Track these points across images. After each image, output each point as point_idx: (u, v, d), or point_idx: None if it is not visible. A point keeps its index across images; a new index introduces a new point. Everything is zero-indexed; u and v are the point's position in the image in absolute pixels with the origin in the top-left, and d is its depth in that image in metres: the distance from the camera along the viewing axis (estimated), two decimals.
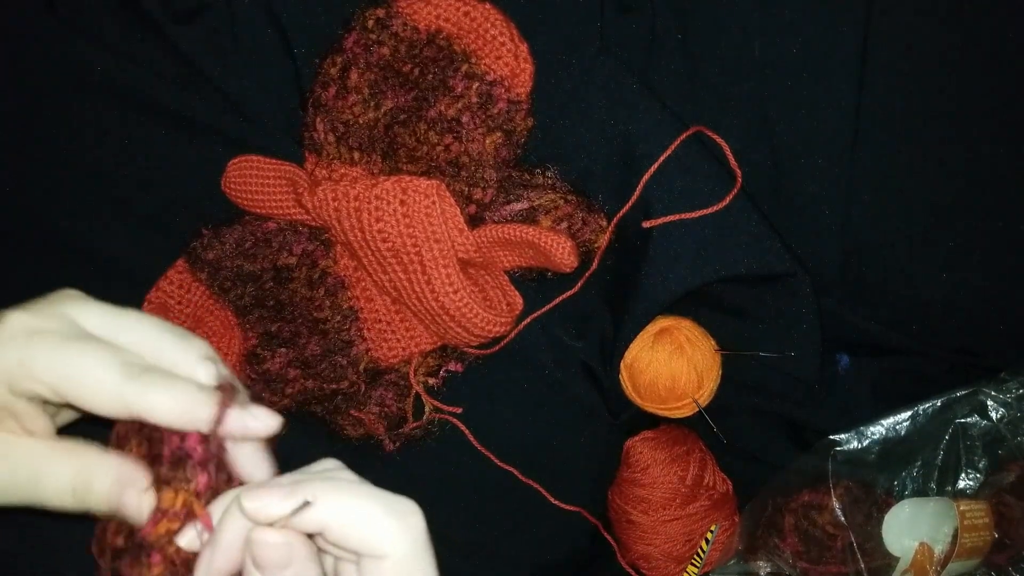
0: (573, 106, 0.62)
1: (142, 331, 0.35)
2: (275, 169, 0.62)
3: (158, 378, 0.34)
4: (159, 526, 0.34)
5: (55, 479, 0.35)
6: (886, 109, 0.62)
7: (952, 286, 0.65)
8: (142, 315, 0.36)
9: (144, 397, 0.33)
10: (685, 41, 0.62)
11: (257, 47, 0.62)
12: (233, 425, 0.34)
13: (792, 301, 0.65)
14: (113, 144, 0.63)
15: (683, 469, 0.70)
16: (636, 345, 0.67)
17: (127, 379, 0.33)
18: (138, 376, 0.33)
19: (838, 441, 0.67)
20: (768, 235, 0.63)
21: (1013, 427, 0.65)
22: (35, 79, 0.62)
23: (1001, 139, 0.62)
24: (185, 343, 0.36)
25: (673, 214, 0.62)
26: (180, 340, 0.36)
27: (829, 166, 0.63)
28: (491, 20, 0.58)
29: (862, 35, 0.60)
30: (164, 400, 0.33)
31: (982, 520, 0.64)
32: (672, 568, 0.71)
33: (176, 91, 0.62)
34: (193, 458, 0.34)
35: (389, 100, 0.61)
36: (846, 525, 0.65)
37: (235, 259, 0.63)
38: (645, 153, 0.62)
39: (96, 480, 0.34)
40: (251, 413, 0.35)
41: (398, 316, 0.64)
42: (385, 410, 0.65)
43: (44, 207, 0.64)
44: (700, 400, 0.67)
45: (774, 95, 0.62)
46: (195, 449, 0.34)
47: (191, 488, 0.34)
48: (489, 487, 0.69)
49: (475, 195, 0.61)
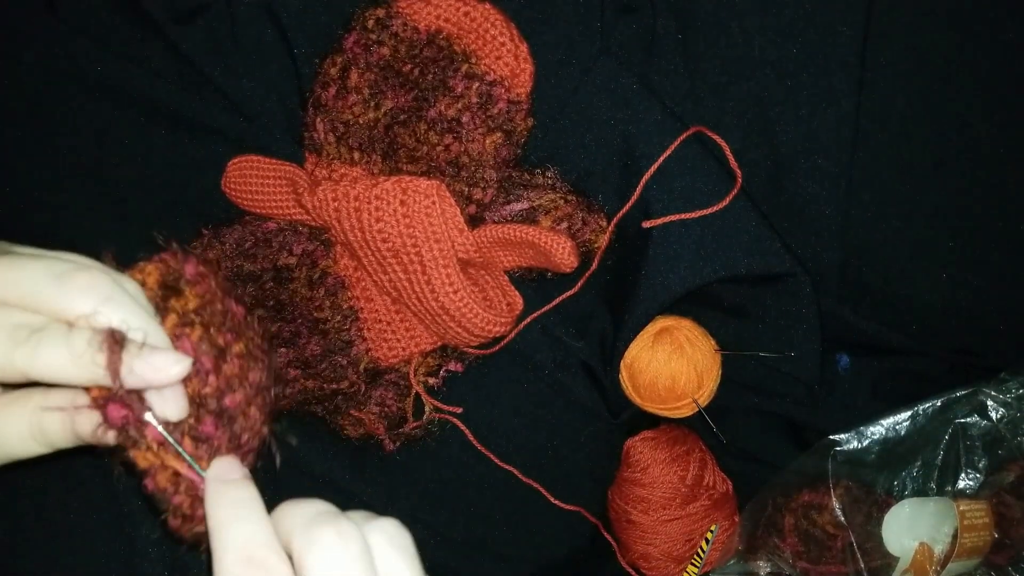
0: (573, 106, 0.62)
1: (17, 276, 0.33)
2: (275, 169, 0.62)
3: (47, 338, 0.32)
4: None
5: (13, 430, 0.34)
6: (886, 109, 0.62)
7: (952, 286, 0.65)
8: (18, 259, 0.33)
9: (34, 361, 0.32)
10: (685, 41, 0.62)
11: (257, 47, 0.62)
12: (133, 377, 0.32)
13: (792, 301, 0.65)
14: (113, 144, 0.63)
15: (683, 469, 0.70)
16: (636, 345, 0.67)
17: (14, 345, 0.32)
18: (25, 340, 0.32)
19: (838, 441, 0.67)
20: (768, 235, 0.63)
21: (1013, 427, 0.65)
22: (35, 79, 0.62)
23: (1001, 139, 0.62)
24: (62, 283, 0.33)
25: (673, 214, 0.62)
26: (56, 280, 0.33)
27: (829, 166, 0.63)
28: (491, 20, 0.58)
29: (862, 35, 0.60)
30: (54, 362, 0.32)
31: (982, 520, 0.64)
32: (672, 568, 0.71)
33: (176, 91, 0.62)
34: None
35: (389, 100, 0.61)
36: (846, 525, 0.65)
37: (235, 259, 0.63)
38: (645, 153, 0.62)
39: (46, 417, 0.34)
40: (148, 362, 0.32)
41: (398, 316, 0.64)
42: (385, 410, 0.65)
43: (44, 207, 0.64)
44: (700, 400, 0.67)
45: (774, 95, 0.62)
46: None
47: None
48: (489, 487, 0.69)
49: (475, 195, 0.61)
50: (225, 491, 0.34)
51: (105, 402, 0.33)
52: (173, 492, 0.35)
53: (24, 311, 0.33)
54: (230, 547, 0.32)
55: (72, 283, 0.33)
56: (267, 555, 0.31)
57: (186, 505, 0.35)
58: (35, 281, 0.33)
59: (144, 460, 0.34)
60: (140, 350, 0.32)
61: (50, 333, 0.32)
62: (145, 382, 0.33)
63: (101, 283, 0.33)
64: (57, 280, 0.33)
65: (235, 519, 0.33)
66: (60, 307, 0.32)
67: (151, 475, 0.35)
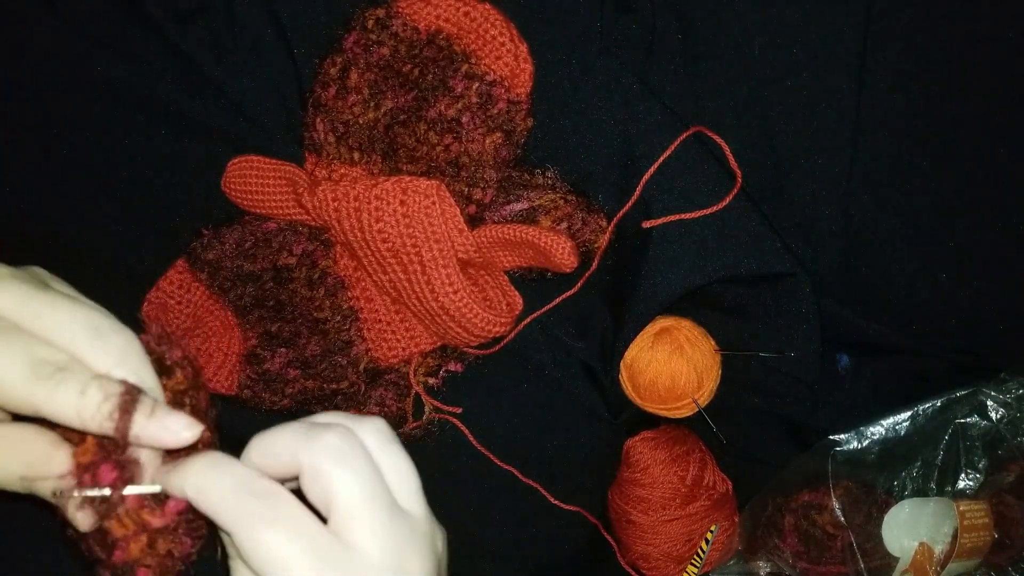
0: (573, 106, 0.62)
1: (57, 318, 0.33)
2: (275, 169, 0.62)
3: (68, 380, 0.32)
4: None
5: (4, 467, 0.34)
6: (886, 109, 0.62)
7: (952, 286, 0.65)
8: (59, 299, 0.34)
9: (51, 401, 0.32)
10: (685, 41, 0.62)
11: (257, 47, 0.62)
12: (145, 431, 0.33)
13: (792, 301, 0.65)
14: (113, 144, 0.63)
15: (683, 469, 0.70)
16: (636, 345, 0.67)
17: (36, 379, 0.32)
18: (48, 376, 0.32)
19: (838, 441, 0.67)
20: (768, 235, 0.63)
21: (1013, 427, 0.65)
22: (35, 79, 0.62)
23: (1001, 139, 0.62)
24: (98, 338, 0.33)
25: (673, 214, 0.62)
26: (94, 333, 0.33)
27: (829, 166, 0.63)
28: (491, 20, 0.58)
29: (862, 35, 0.60)
30: (69, 405, 0.32)
31: (982, 520, 0.64)
32: (672, 568, 0.71)
33: (176, 91, 0.62)
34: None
35: (389, 100, 0.61)
36: (846, 525, 0.65)
37: (235, 259, 0.63)
38: (645, 153, 0.62)
39: (40, 471, 0.34)
40: (161, 422, 0.33)
41: (398, 316, 0.64)
42: (385, 410, 0.65)
43: (44, 207, 0.64)
44: (700, 400, 0.67)
45: (774, 95, 0.62)
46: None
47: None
48: (489, 487, 0.69)
49: (475, 195, 0.61)
50: (208, 467, 0.34)
51: (99, 462, 0.33)
52: (141, 563, 0.34)
53: (49, 346, 0.33)
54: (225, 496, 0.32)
55: (108, 341, 0.34)
56: (265, 484, 0.33)
57: None
58: (74, 330, 0.33)
59: (120, 528, 0.34)
60: (154, 411, 0.33)
61: (72, 375, 0.32)
62: (155, 441, 0.33)
63: (134, 348, 0.34)
64: (95, 333, 0.33)
65: (219, 475, 0.33)
66: (90, 360, 0.33)
67: (123, 544, 0.34)
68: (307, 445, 0.33)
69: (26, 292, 0.34)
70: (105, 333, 0.34)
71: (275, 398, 0.64)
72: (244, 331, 0.64)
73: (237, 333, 0.64)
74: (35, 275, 0.36)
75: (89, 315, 0.34)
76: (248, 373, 0.63)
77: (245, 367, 0.64)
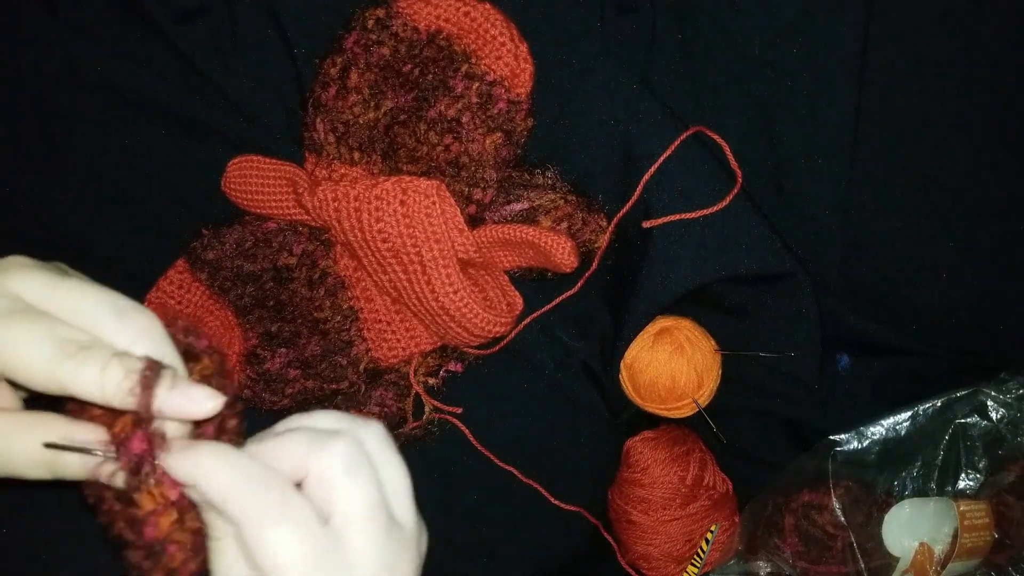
0: (573, 106, 0.62)
1: (81, 301, 0.35)
2: (275, 169, 0.62)
3: (93, 356, 0.33)
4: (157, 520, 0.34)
5: (23, 452, 0.35)
6: (886, 109, 0.62)
7: (952, 286, 0.65)
8: (83, 285, 0.36)
9: (76, 376, 0.33)
10: (685, 41, 0.62)
11: (257, 47, 0.62)
12: (167, 404, 0.33)
13: (792, 301, 0.65)
14: (113, 144, 0.63)
15: (683, 469, 0.70)
16: (636, 345, 0.67)
17: (61, 357, 0.33)
18: (73, 355, 0.33)
19: (838, 441, 0.67)
20: (768, 235, 0.63)
21: (1013, 427, 0.65)
22: (35, 79, 0.62)
23: (1001, 139, 0.62)
24: (122, 318, 0.35)
25: (673, 214, 0.62)
26: (118, 314, 0.35)
27: (829, 166, 0.63)
28: (491, 20, 0.58)
29: (862, 35, 0.60)
30: (93, 380, 0.33)
31: (982, 520, 0.64)
32: (672, 568, 0.71)
33: (176, 91, 0.62)
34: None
35: (389, 100, 0.61)
36: (846, 525, 0.65)
37: (235, 259, 0.63)
38: (645, 153, 0.62)
39: (64, 453, 0.35)
40: (184, 393, 0.34)
41: (398, 316, 0.64)
42: (385, 410, 0.65)
43: (44, 207, 0.64)
44: (700, 400, 0.67)
45: (774, 95, 0.62)
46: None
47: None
48: (489, 487, 0.69)
49: (475, 195, 0.61)
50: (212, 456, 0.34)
51: (128, 435, 0.34)
52: (172, 539, 0.34)
53: (72, 328, 0.34)
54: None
55: (131, 321, 0.35)
56: (278, 480, 0.34)
57: (179, 558, 0.35)
58: (97, 312, 0.35)
59: (150, 501, 0.34)
60: (175, 384, 0.34)
61: (97, 352, 0.33)
62: (178, 413, 0.34)
63: (156, 327, 0.36)
64: (118, 314, 0.35)
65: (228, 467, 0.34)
66: (112, 339, 0.34)
67: (153, 519, 0.34)
68: (317, 452, 0.35)
69: (50, 279, 0.35)
70: (127, 313, 0.35)
71: (275, 398, 0.64)
72: (244, 331, 0.64)
73: (237, 333, 0.64)
74: (58, 267, 0.38)
75: (111, 297, 0.35)
76: (248, 373, 0.63)
77: (245, 367, 0.64)
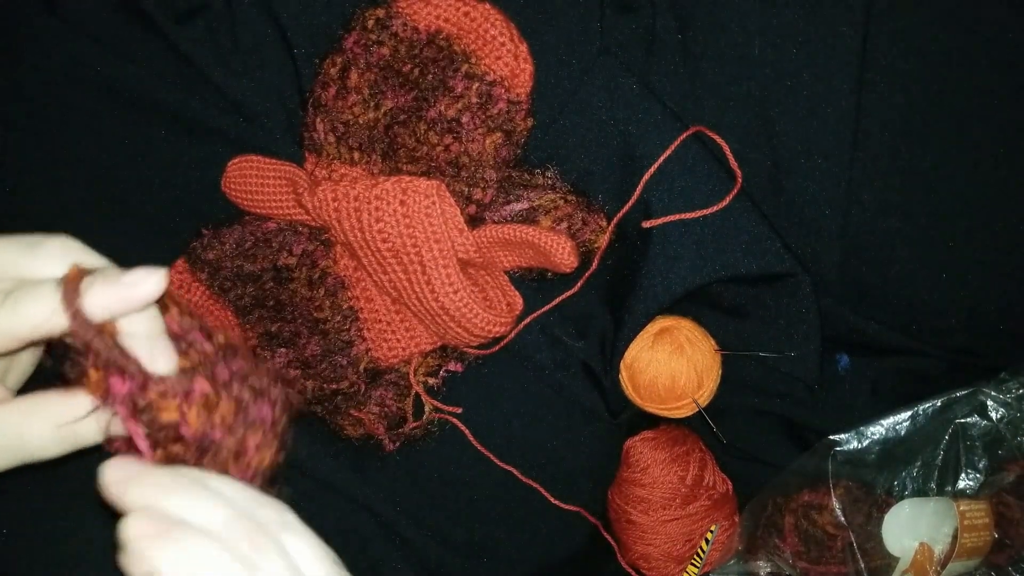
0: (573, 106, 0.62)
1: (1, 254, 0.35)
2: (275, 169, 0.62)
3: (21, 295, 0.33)
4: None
5: (36, 432, 0.35)
6: (886, 109, 0.62)
7: (952, 286, 0.65)
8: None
9: (14, 318, 0.33)
10: (685, 41, 0.62)
11: (257, 47, 0.62)
12: (103, 299, 0.33)
13: (792, 301, 0.65)
14: (113, 144, 0.63)
15: (683, 469, 0.70)
16: (636, 345, 0.67)
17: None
18: (1, 303, 0.33)
19: (838, 441, 0.67)
20: (768, 235, 0.63)
21: (1013, 427, 0.65)
22: (35, 79, 0.62)
23: (1001, 139, 0.62)
24: (35, 249, 0.35)
25: (673, 214, 0.62)
26: (29, 248, 0.35)
27: (829, 166, 0.63)
28: (491, 20, 0.58)
29: (862, 35, 0.60)
30: (33, 313, 0.33)
31: (982, 520, 0.64)
32: (672, 568, 0.71)
33: (176, 91, 0.62)
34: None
35: (389, 100, 0.61)
36: (846, 525, 0.65)
37: (235, 259, 0.63)
38: (645, 153, 0.62)
39: (71, 415, 0.35)
40: (119, 282, 0.33)
41: (398, 316, 0.64)
42: (385, 410, 0.65)
43: (44, 207, 0.64)
44: (700, 400, 0.67)
45: (774, 95, 0.62)
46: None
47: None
48: (489, 487, 0.69)
49: (475, 195, 0.61)
50: None
51: (105, 379, 0.34)
52: (213, 426, 0.34)
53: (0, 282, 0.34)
54: None
55: (44, 247, 0.35)
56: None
57: (230, 442, 0.35)
58: (9, 251, 0.34)
59: (171, 411, 0.34)
60: (106, 277, 0.33)
61: (23, 290, 0.33)
62: (125, 302, 0.33)
63: (72, 246, 0.35)
64: (30, 247, 0.35)
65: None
66: (33, 271, 0.34)
67: (183, 422, 0.34)
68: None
69: None
70: (38, 243, 0.35)
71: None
72: (244, 331, 0.64)
73: (237, 333, 0.64)
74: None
75: (17, 237, 0.35)
76: None
77: None
